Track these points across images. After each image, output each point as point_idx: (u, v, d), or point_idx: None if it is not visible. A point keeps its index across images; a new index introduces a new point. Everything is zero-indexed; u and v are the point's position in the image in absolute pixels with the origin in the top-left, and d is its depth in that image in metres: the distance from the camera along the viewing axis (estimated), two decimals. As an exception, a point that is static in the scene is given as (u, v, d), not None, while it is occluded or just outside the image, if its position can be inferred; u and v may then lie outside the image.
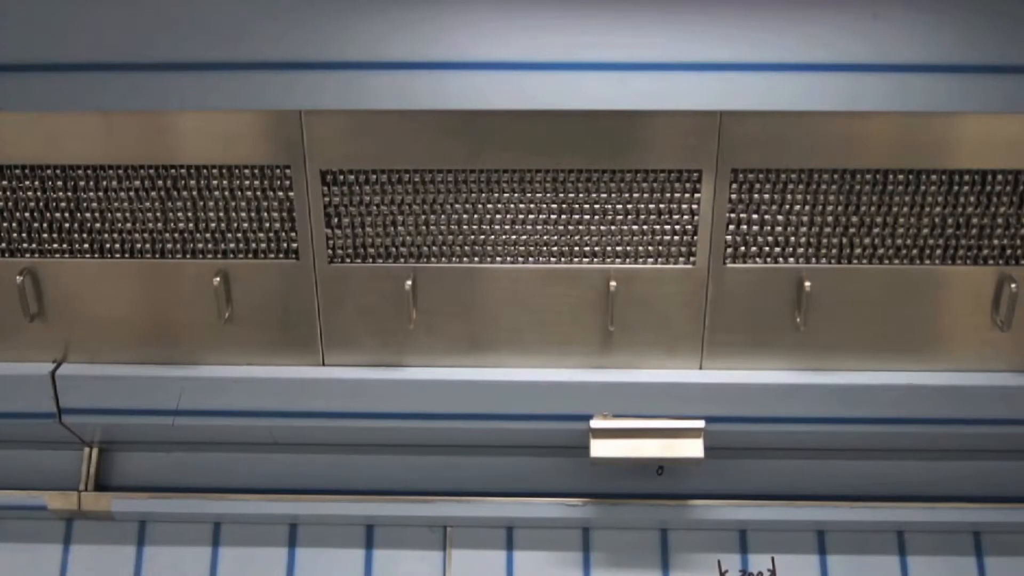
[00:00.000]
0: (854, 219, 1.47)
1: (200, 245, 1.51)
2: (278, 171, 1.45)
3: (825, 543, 1.72)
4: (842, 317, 1.52)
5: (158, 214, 1.49)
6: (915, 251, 1.48)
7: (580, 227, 1.48)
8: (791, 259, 1.49)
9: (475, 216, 1.48)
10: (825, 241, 1.48)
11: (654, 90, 1.33)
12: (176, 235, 1.50)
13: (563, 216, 1.47)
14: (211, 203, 1.48)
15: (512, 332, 1.55)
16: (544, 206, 1.47)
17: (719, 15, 1.30)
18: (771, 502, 1.68)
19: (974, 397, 1.55)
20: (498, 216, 1.48)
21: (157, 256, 1.52)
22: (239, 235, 1.50)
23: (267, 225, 1.49)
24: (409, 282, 1.50)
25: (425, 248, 1.50)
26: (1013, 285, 1.47)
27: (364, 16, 1.31)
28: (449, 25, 1.31)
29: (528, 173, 1.45)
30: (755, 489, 1.69)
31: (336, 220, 1.48)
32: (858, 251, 1.48)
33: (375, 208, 1.47)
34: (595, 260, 1.50)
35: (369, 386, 1.57)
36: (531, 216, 1.48)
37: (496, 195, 1.46)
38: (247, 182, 1.46)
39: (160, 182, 1.47)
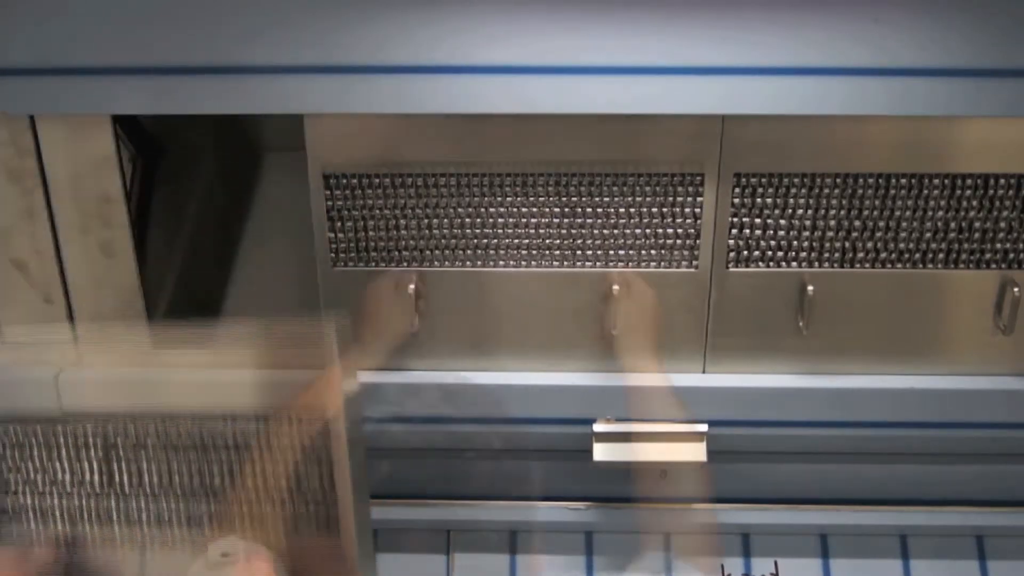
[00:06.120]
0: (856, 223, 1.47)
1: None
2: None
3: (828, 547, 1.71)
4: (845, 321, 1.52)
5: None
6: (917, 255, 1.48)
7: (583, 231, 1.48)
8: (794, 263, 1.49)
9: (478, 220, 1.48)
10: (828, 245, 1.48)
11: (656, 94, 1.33)
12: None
13: (566, 220, 1.47)
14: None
15: (516, 336, 1.55)
16: (547, 210, 1.47)
17: (720, 19, 1.30)
18: (774, 506, 1.68)
19: (977, 401, 1.55)
20: (500, 220, 1.48)
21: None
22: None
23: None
24: (412, 286, 1.50)
25: (428, 252, 1.50)
26: (1015, 289, 1.47)
27: (366, 20, 1.31)
28: (451, 29, 1.31)
29: (531, 177, 1.45)
30: (758, 493, 1.69)
31: (339, 223, 1.48)
32: (861, 255, 1.48)
33: (378, 211, 1.48)
34: (598, 264, 1.50)
35: (371, 390, 1.57)
36: (534, 220, 1.48)
37: (499, 199, 1.46)
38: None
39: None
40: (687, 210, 1.46)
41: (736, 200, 1.45)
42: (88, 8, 1.32)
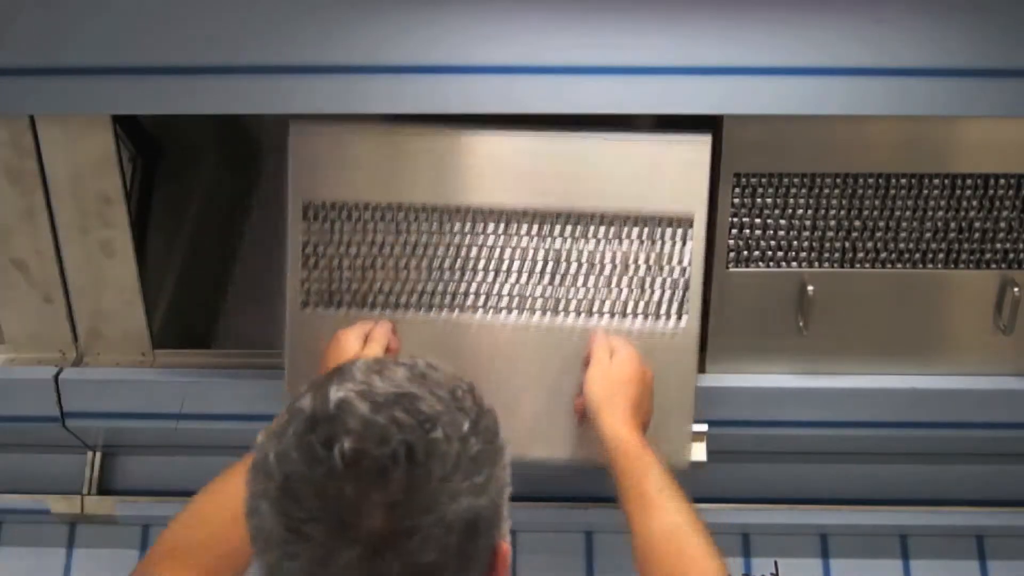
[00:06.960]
0: (856, 223, 1.46)
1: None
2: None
3: (828, 547, 1.71)
4: (845, 321, 1.52)
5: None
6: (917, 255, 1.48)
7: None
8: (794, 263, 1.49)
9: (457, 262, 1.44)
10: (828, 245, 1.48)
11: (653, 94, 1.33)
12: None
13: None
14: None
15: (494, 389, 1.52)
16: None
17: (719, 18, 1.30)
18: (774, 506, 1.68)
19: (977, 401, 1.55)
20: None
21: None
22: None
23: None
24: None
25: (403, 298, 1.45)
26: (1015, 289, 1.47)
27: (365, 20, 1.31)
28: (447, 29, 1.31)
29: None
30: (758, 493, 1.69)
31: (313, 260, 1.45)
32: (861, 255, 1.48)
33: (354, 249, 1.44)
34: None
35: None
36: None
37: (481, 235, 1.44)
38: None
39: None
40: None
41: (736, 200, 1.45)
42: (88, 8, 1.31)
